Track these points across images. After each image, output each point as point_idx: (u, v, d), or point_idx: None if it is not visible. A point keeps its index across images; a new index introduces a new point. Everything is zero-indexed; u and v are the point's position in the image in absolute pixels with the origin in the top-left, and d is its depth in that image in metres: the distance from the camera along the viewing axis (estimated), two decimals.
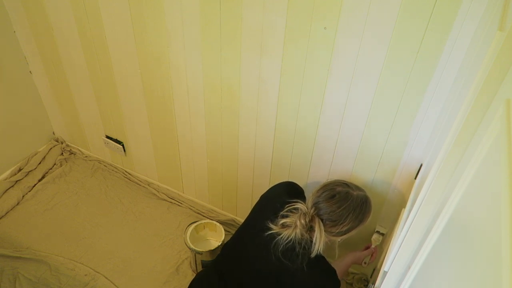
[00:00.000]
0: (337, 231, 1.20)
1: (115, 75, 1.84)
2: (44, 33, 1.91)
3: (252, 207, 1.43)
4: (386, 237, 1.62)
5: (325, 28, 1.21)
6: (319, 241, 1.17)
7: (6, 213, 2.06)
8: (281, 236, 1.20)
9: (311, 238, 1.19)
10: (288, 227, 1.20)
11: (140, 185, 2.25)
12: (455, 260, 0.53)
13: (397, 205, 1.52)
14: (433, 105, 1.21)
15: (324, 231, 1.18)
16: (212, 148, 1.82)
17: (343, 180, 1.28)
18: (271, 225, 1.22)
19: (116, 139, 2.17)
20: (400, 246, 0.90)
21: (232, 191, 1.94)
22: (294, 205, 1.23)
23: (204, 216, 2.08)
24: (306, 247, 1.19)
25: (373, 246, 1.58)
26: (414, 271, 0.75)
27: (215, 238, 1.88)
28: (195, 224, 1.82)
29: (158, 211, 2.12)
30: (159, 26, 1.52)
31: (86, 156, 2.40)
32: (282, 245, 1.20)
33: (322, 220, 1.19)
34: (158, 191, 2.20)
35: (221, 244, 1.74)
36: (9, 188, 2.16)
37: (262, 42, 1.34)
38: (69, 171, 2.32)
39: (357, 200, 1.20)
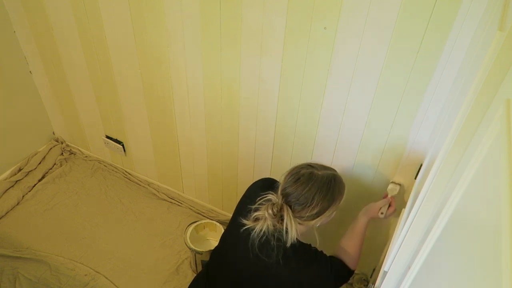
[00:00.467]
0: (308, 214, 1.14)
1: (115, 75, 1.84)
2: (44, 33, 1.91)
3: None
4: (403, 189, 1.48)
5: (325, 28, 1.21)
6: (291, 228, 1.11)
7: (6, 213, 2.06)
8: (254, 230, 1.15)
9: (285, 228, 1.13)
10: (260, 220, 1.15)
11: (140, 185, 2.25)
12: (455, 260, 0.53)
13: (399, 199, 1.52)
14: (433, 105, 1.21)
15: (294, 216, 1.13)
16: (212, 148, 1.82)
17: (308, 162, 1.21)
18: (244, 221, 1.18)
19: (116, 139, 2.17)
20: (400, 246, 0.90)
21: (232, 191, 1.94)
22: (265, 197, 1.18)
23: (204, 216, 2.08)
24: (281, 238, 1.14)
25: (389, 195, 1.42)
26: (414, 271, 0.75)
27: (215, 238, 1.88)
28: (195, 224, 1.82)
29: (158, 211, 2.12)
30: (159, 26, 1.52)
31: (86, 156, 2.40)
32: (257, 241, 1.15)
33: (290, 206, 1.13)
34: (158, 191, 2.20)
35: None
36: (9, 188, 2.16)
37: (262, 42, 1.34)
38: (69, 171, 2.32)
39: (322, 179, 1.14)
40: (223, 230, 1.81)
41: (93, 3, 1.63)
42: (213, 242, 1.89)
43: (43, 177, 2.27)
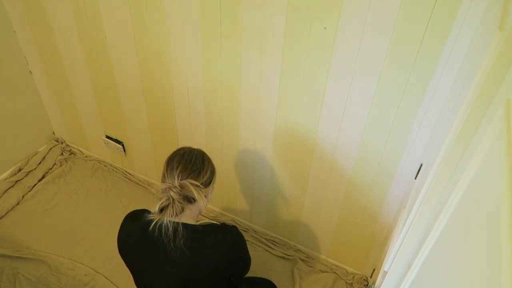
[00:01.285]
0: (203, 180, 1.18)
1: (115, 75, 1.84)
2: (44, 33, 1.91)
3: (251, 208, 1.43)
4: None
5: (325, 28, 1.21)
6: (200, 196, 1.14)
7: (6, 213, 2.06)
8: (164, 222, 1.12)
9: (188, 200, 1.15)
10: (166, 208, 1.13)
11: (140, 185, 2.25)
12: (455, 260, 0.53)
13: (398, 199, 1.52)
14: (433, 105, 1.21)
15: (196, 188, 1.14)
16: (212, 148, 1.82)
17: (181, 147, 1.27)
18: (150, 216, 1.15)
19: (116, 139, 2.17)
20: (400, 246, 0.90)
21: (232, 191, 1.94)
22: (161, 185, 1.17)
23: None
24: (187, 224, 1.14)
25: None
26: (414, 271, 0.75)
27: None
28: None
29: None
30: (159, 26, 1.52)
31: (86, 156, 2.40)
32: (172, 234, 1.12)
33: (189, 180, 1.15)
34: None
35: None
36: (9, 188, 2.16)
37: (262, 42, 1.34)
38: (69, 171, 2.32)
39: (197, 152, 1.24)
40: None
41: (93, 3, 1.63)
42: None
43: (43, 177, 2.27)
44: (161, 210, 1.15)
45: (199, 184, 1.16)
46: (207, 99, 1.64)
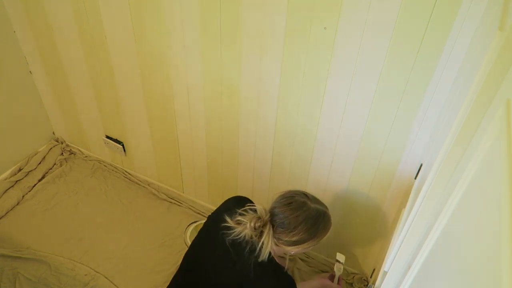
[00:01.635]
0: (287, 239, 1.15)
1: (115, 75, 1.84)
2: (44, 33, 1.91)
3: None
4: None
5: (325, 28, 1.21)
6: (266, 246, 1.14)
7: (6, 213, 2.06)
8: (233, 231, 1.18)
9: (261, 243, 1.16)
10: (241, 225, 1.17)
11: (140, 185, 2.25)
12: (455, 260, 0.53)
13: (398, 199, 1.53)
14: (433, 105, 1.21)
15: (274, 237, 1.15)
16: (212, 148, 1.82)
17: (305, 192, 1.24)
18: (227, 218, 1.19)
19: (116, 139, 2.17)
20: (400, 246, 0.90)
21: (232, 191, 1.94)
22: (253, 206, 1.21)
23: (204, 216, 2.08)
24: (254, 249, 1.16)
25: (336, 275, 1.58)
26: (414, 271, 0.75)
27: None
28: (195, 224, 1.82)
29: (158, 211, 2.12)
30: (159, 26, 1.52)
31: (86, 156, 2.40)
32: (232, 240, 1.19)
33: (273, 226, 1.16)
34: (158, 191, 2.20)
35: None
36: (9, 188, 2.16)
37: (262, 42, 1.34)
38: (69, 171, 2.32)
39: (312, 212, 1.16)
40: None
41: (93, 3, 1.63)
42: None
43: (43, 177, 2.27)
44: (238, 222, 1.19)
45: (274, 237, 1.16)
46: (207, 99, 1.64)
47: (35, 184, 2.22)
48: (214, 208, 2.09)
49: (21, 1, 1.85)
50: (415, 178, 1.36)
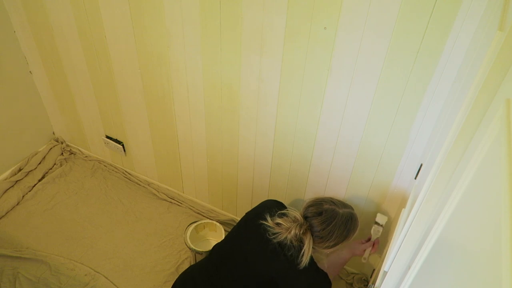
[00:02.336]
0: (324, 246, 1.28)
1: (115, 75, 1.84)
2: (44, 33, 1.91)
3: (252, 208, 1.44)
4: (386, 228, 1.60)
5: (325, 28, 1.21)
6: (307, 254, 1.24)
7: (6, 213, 2.06)
8: (275, 232, 1.27)
9: (302, 246, 1.25)
10: (281, 229, 1.27)
11: (140, 185, 2.25)
12: (455, 260, 0.53)
13: (398, 199, 1.53)
14: (433, 105, 1.21)
15: (312, 246, 1.26)
16: (212, 148, 1.82)
17: (330, 197, 1.35)
18: (268, 218, 1.29)
19: (116, 139, 2.17)
20: (400, 246, 0.90)
21: (232, 191, 1.94)
22: (291, 210, 1.31)
23: (204, 216, 2.08)
24: (296, 254, 1.25)
25: (373, 238, 1.56)
26: (414, 271, 0.75)
27: (215, 238, 1.88)
28: (195, 224, 1.82)
29: (158, 211, 2.12)
30: (159, 26, 1.52)
31: (86, 156, 2.40)
32: (274, 240, 1.27)
33: (312, 235, 1.26)
34: (158, 191, 2.20)
35: None
36: (9, 188, 2.16)
37: (262, 42, 1.34)
38: (69, 171, 2.32)
39: (342, 218, 1.28)
40: (223, 230, 1.81)
41: (93, 3, 1.63)
42: (213, 242, 1.89)
43: (43, 177, 2.27)
44: (278, 224, 1.29)
45: (314, 246, 1.27)
46: (207, 99, 1.64)
47: (35, 184, 2.22)
48: (214, 208, 2.10)
49: (21, 1, 1.85)
50: (415, 178, 1.36)
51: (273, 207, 1.37)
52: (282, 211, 1.32)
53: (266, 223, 1.29)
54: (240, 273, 1.34)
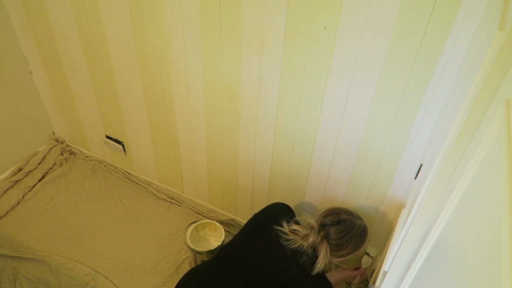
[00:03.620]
0: (339, 254, 1.31)
1: (115, 75, 1.84)
2: (44, 33, 1.91)
3: (250, 207, 1.44)
4: (375, 259, 1.70)
5: (325, 28, 1.21)
6: (322, 262, 1.27)
7: (6, 213, 2.06)
8: (290, 241, 1.29)
9: (315, 254, 1.28)
10: (298, 236, 1.29)
11: (140, 185, 2.25)
12: (455, 260, 0.53)
13: (398, 199, 1.53)
14: (433, 105, 1.21)
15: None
16: (212, 148, 1.82)
17: (348, 209, 1.39)
18: (284, 224, 1.31)
19: (116, 139, 2.17)
20: (400, 246, 0.90)
21: (232, 191, 1.94)
22: (307, 217, 1.34)
23: (204, 216, 2.08)
24: (308, 261, 1.28)
25: (363, 267, 1.71)
26: (414, 271, 0.75)
27: (215, 238, 1.88)
28: (195, 224, 1.82)
29: (158, 211, 2.12)
30: (159, 26, 1.52)
31: (86, 156, 2.40)
32: (287, 246, 1.28)
33: (328, 243, 1.29)
34: (158, 191, 2.20)
35: (221, 244, 1.74)
36: (9, 188, 2.16)
37: (262, 42, 1.34)
38: (69, 171, 2.32)
39: (359, 229, 1.32)
40: (223, 230, 1.81)
41: (93, 3, 1.63)
42: (213, 242, 1.89)
43: (43, 177, 2.27)
44: (293, 231, 1.32)
45: (332, 253, 1.30)
46: (207, 99, 1.64)
47: (35, 184, 2.22)
48: (214, 208, 2.10)
49: (21, 1, 1.85)
50: (415, 178, 1.36)
51: (285, 212, 1.40)
52: (297, 218, 1.35)
53: (281, 228, 1.30)
54: (250, 279, 1.34)
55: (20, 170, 2.25)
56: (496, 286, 0.33)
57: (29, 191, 2.18)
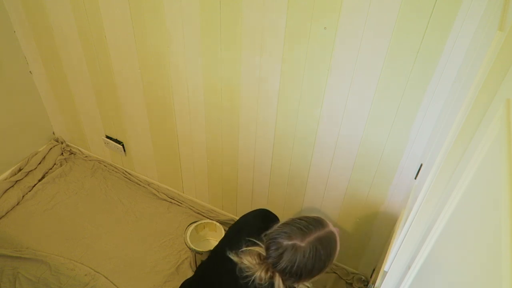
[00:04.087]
0: (300, 282, 1.10)
1: (115, 75, 1.84)
2: (44, 33, 1.91)
3: (250, 207, 1.44)
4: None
5: (325, 28, 1.21)
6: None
7: (6, 213, 2.06)
8: (242, 269, 1.10)
9: (272, 285, 1.08)
10: (248, 268, 1.09)
11: (140, 185, 2.25)
12: (455, 260, 0.53)
13: (398, 199, 1.53)
14: (433, 105, 1.21)
15: (285, 285, 1.08)
16: (212, 148, 1.82)
17: (292, 223, 1.11)
18: (232, 256, 1.12)
19: (116, 139, 2.17)
20: (400, 246, 0.90)
21: (232, 191, 1.94)
22: (258, 243, 1.13)
23: (204, 216, 2.08)
24: None
25: None
26: (414, 271, 0.75)
27: (215, 238, 1.88)
28: (195, 224, 1.82)
29: (158, 211, 2.12)
30: (159, 26, 1.52)
31: (86, 156, 2.40)
32: (244, 280, 1.10)
33: (283, 273, 1.07)
34: (158, 191, 2.20)
35: None
36: (9, 188, 2.16)
37: (262, 42, 1.34)
38: (69, 171, 2.32)
39: (306, 253, 1.06)
40: (223, 230, 1.81)
41: (93, 3, 1.63)
42: (213, 242, 1.89)
43: (43, 177, 2.27)
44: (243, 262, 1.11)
45: (291, 284, 1.09)
46: (207, 99, 1.64)
47: (35, 184, 2.22)
48: (214, 208, 2.10)
49: (21, 1, 1.85)
50: (415, 178, 1.36)
51: (252, 226, 1.19)
52: (248, 245, 1.12)
53: (232, 258, 1.11)
54: None
55: (20, 170, 2.25)
56: (496, 286, 0.33)
57: (29, 191, 2.18)
